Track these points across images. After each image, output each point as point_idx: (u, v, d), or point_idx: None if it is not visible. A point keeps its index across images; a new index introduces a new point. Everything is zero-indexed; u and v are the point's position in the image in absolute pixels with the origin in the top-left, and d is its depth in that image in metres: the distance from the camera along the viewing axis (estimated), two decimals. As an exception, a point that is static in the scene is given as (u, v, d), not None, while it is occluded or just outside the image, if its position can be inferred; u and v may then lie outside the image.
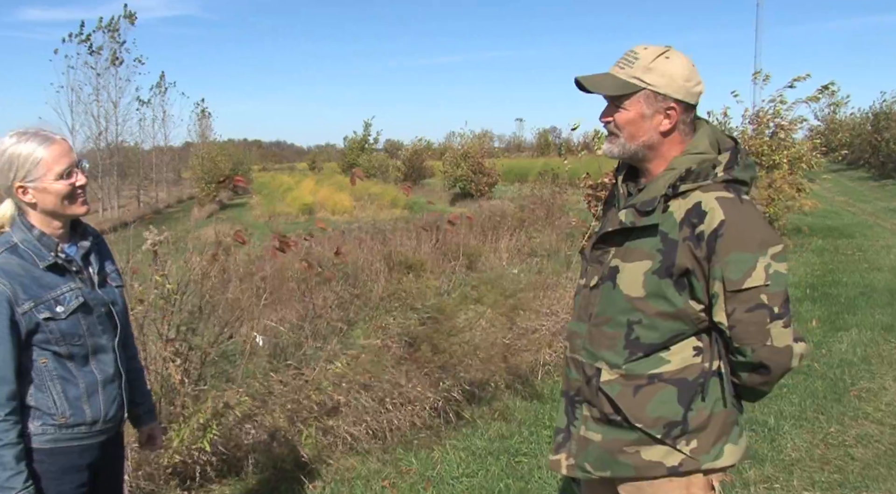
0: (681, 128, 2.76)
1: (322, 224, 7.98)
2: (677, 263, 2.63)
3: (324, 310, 7.29)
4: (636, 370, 2.76)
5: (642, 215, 2.72)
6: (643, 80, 2.70)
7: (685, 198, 2.66)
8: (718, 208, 2.58)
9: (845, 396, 7.50)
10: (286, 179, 57.61)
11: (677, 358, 2.74)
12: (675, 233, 2.65)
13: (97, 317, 3.10)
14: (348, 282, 7.77)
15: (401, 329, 7.16)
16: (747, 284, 2.56)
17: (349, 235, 13.70)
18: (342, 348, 6.71)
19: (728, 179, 2.67)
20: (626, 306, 2.75)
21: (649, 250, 2.70)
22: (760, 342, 2.61)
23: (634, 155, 2.80)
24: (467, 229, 13.85)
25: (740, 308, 2.59)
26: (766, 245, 2.58)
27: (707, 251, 2.59)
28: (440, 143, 72.57)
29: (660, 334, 2.72)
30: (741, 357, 2.67)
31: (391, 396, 6.56)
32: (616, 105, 2.76)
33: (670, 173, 2.73)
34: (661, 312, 2.70)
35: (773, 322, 2.60)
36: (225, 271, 8.56)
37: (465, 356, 7.34)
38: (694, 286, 2.66)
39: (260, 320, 7.24)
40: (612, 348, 2.80)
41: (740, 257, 2.56)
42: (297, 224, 27.69)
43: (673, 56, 2.72)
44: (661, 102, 2.71)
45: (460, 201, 39.81)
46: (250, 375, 6.33)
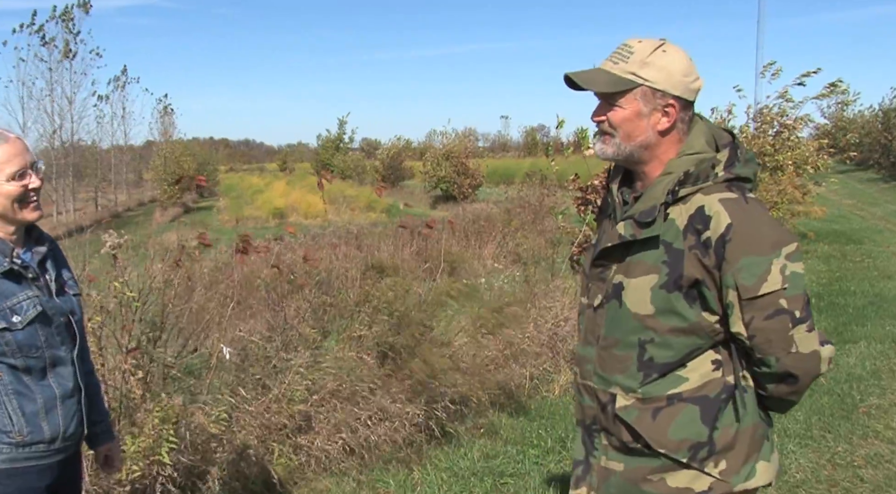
0: (679, 127, 2.73)
1: (293, 229, 8.00)
2: (685, 274, 2.60)
3: (295, 320, 7.27)
4: (653, 392, 2.73)
5: (642, 227, 2.68)
6: (640, 75, 2.67)
7: (686, 203, 2.63)
8: (723, 211, 2.55)
9: (854, 413, 7.49)
10: (255, 181, 57.51)
11: (696, 375, 2.70)
12: (680, 242, 2.62)
13: (55, 327, 3.07)
14: (322, 290, 7.75)
15: (378, 340, 7.15)
16: (764, 289, 2.53)
17: (323, 240, 13.69)
18: (315, 359, 6.70)
19: (730, 178, 2.63)
20: (636, 326, 2.72)
21: (654, 263, 2.67)
22: (784, 350, 2.58)
23: (630, 157, 2.77)
24: (449, 234, 13.85)
25: (759, 316, 2.56)
26: (780, 245, 2.55)
27: (716, 259, 2.56)
28: (420, 142, 72.81)
29: (675, 351, 2.69)
30: (766, 368, 2.64)
31: (368, 411, 6.55)
32: (610, 103, 2.73)
33: (667, 178, 2.69)
34: (673, 328, 2.66)
35: (797, 327, 2.57)
36: (189, 278, 8.53)
37: (448, 369, 7.34)
38: (706, 297, 2.62)
39: (227, 330, 7.21)
40: (624, 371, 2.76)
41: (753, 261, 2.52)
42: (267, 229, 27.71)
43: (670, 50, 2.69)
44: (660, 98, 2.68)
45: (442, 204, 39.89)
46: (217, 390, 6.30)
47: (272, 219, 36.27)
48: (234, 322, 7.64)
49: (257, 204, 41.35)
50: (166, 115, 68.13)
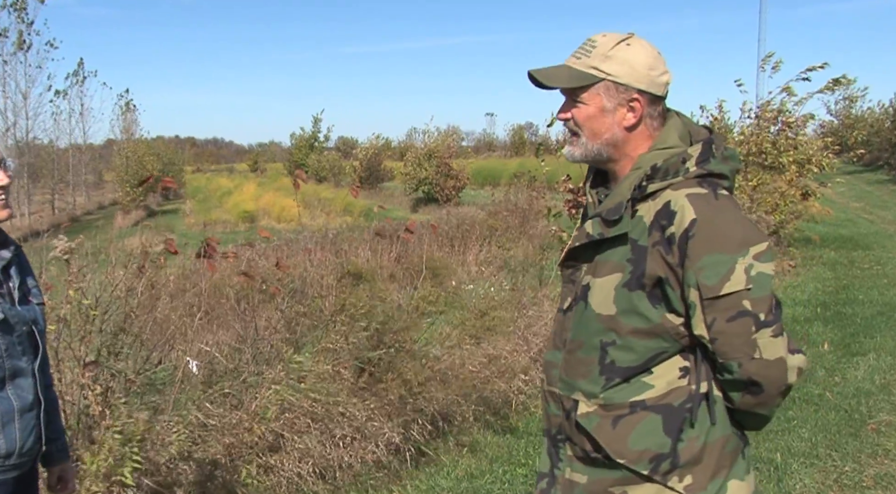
0: (647, 122, 2.76)
1: (265, 233, 7.96)
2: (647, 271, 2.61)
3: (267, 331, 7.26)
4: (615, 398, 2.73)
5: (609, 225, 2.70)
6: (601, 69, 2.70)
7: (655, 199, 2.65)
8: (689, 206, 2.56)
9: (862, 430, 7.50)
10: (224, 183, 57.46)
11: (662, 382, 2.70)
12: (645, 239, 2.63)
13: (17, 337, 3.06)
14: (295, 298, 7.73)
15: (354, 352, 7.14)
16: (726, 289, 2.53)
17: (297, 245, 13.68)
18: (287, 374, 6.68)
19: (702, 175, 2.65)
20: (598, 327, 2.73)
21: (619, 261, 2.68)
22: (747, 355, 2.56)
23: (598, 156, 2.80)
24: (431, 238, 13.86)
25: (721, 318, 2.55)
26: (747, 244, 2.55)
27: (679, 256, 2.57)
28: (401, 141, 72.63)
29: (637, 355, 2.69)
30: (728, 375, 2.62)
31: (343, 429, 6.54)
32: (574, 99, 2.77)
33: (635, 174, 2.72)
34: (635, 329, 2.67)
35: (760, 331, 2.55)
36: (153, 286, 8.49)
37: (428, 384, 7.33)
38: (669, 297, 2.62)
39: (193, 342, 7.19)
40: (587, 375, 2.77)
41: (716, 259, 2.53)
42: (237, 233, 27.68)
43: (634, 43, 2.73)
44: (623, 93, 2.71)
45: (423, 207, 39.95)
46: (182, 406, 6.28)
47: (242, 223, 36.22)
48: (201, 333, 7.61)
49: (226, 207, 41.34)
50: (128, 111, 67.80)
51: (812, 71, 15.90)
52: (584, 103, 2.74)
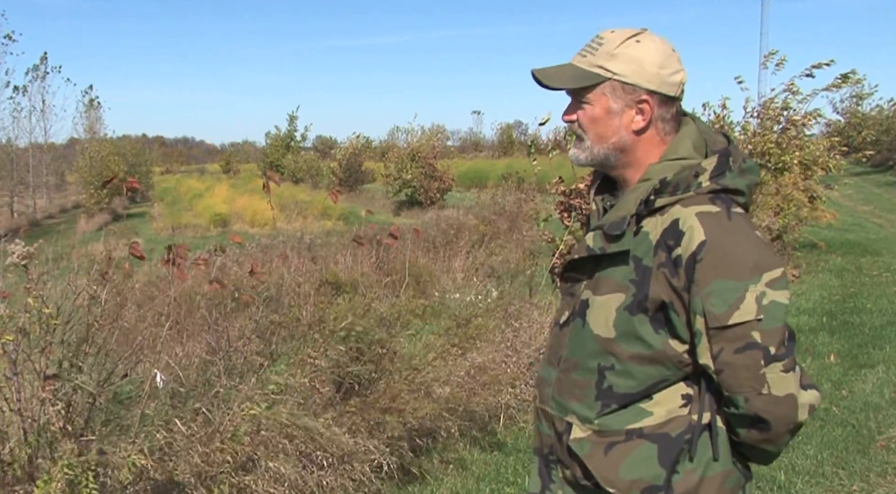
0: (659, 126, 2.71)
1: (238, 238, 7.96)
2: (651, 295, 2.58)
3: (240, 342, 7.23)
4: (612, 424, 2.70)
5: (611, 240, 2.67)
6: (606, 68, 2.67)
7: (663, 214, 2.61)
8: (698, 226, 2.51)
9: (871, 447, 7.49)
10: (195, 184, 57.38)
11: (662, 410, 2.67)
12: (650, 258, 2.60)
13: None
14: (270, 308, 7.71)
15: (333, 365, 7.12)
16: (735, 318, 2.47)
17: (272, 251, 13.67)
18: (262, 388, 6.66)
19: (716, 190, 2.60)
20: (596, 349, 2.70)
21: (621, 281, 2.64)
22: (754, 391, 2.52)
23: (605, 161, 2.77)
24: (415, 244, 13.85)
25: (728, 349, 2.51)
26: (760, 270, 2.49)
27: (686, 280, 2.52)
28: (382, 141, 72.53)
29: (637, 381, 2.66)
30: (734, 409, 2.59)
31: (320, 447, 6.52)
32: (579, 101, 2.74)
33: (643, 186, 2.67)
34: (635, 355, 2.63)
35: (770, 366, 2.50)
36: (119, 294, 8.45)
37: (411, 398, 7.31)
38: (674, 323, 2.59)
39: (162, 354, 7.17)
40: (582, 399, 2.75)
41: (725, 285, 2.48)
42: (208, 239, 27.63)
43: (645, 39, 2.68)
44: (631, 94, 2.67)
45: (407, 211, 40.01)
46: (149, 422, 6.25)
47: (214, 227, 36.18)
48: (169, 345, 7.59)
49: (197, 210, 41.23)
50: (92, 109, 67.70)
51: (817, 68, 15.91)
52: (589, 105, 2.71)
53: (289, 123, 62.35)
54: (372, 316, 7.89)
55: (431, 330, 8.79)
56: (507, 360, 8.83)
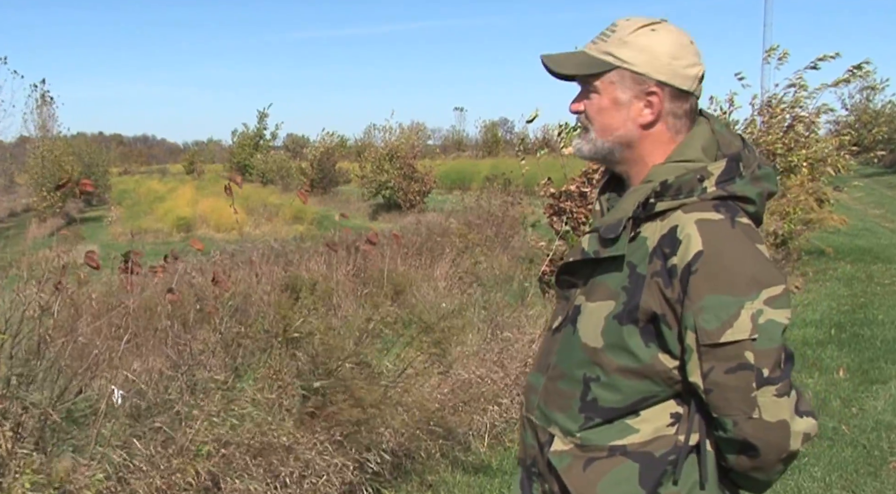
0: (669, 122, 2.70)
1: (199, 244, 7.92)
2: (642, 305, 2.57)
3: (203, 355, 7.22)
4: (594, 439, 2.69)
5: (605, 244, 2.66)
6: (616, 55, 2.67)
7: (664, 220, 2.60)
8: (696, 235, 2.50)
9: (883, 468, 7.49)
10: (156, 186, 57.30)
11: (648, 427, 2.66)
12: (644, 266, 2.59)
13: None
14: (235, 318, 7.70)
15: (302, 379, 7.11)
16: (727, 336, 2.45)
17: (240, 257, 13.64)
18: (227, 404, 6.65)
19: (723, 196, 2.59)
20: (583, 359, 2.69)
21: (614, 288, 2.64)
22: (744, 414, 2.50)
23: (609, 155, 2.77)
24: (394, 250, 13.84)
25: (718, 368, 2.49)
26: (758, 286, 2.47)
27: (679, 292, 2.51)
28: (358, 139, 72.45)
29: (623, 396, 2.64)
30: (722, 432, 2.57)
31: (288, 467, 6.50)
32: (587, 89, 2.74)
33: (643, 188, 2.66)
34: (622, 368, 2.62)
35: (762, 388, 2.48)
36: (73, 305, 8.44)
37: (388, 415, 7.30)
38: (664, 336, 2.57)
39: (120, 369, 7.15)
40: (565, 410, 2.74)
41: (719, 300, 2.46)
42: (171, 244, 27.55)
43: (661, 29, 2.68)
44: (640, 84, 2.66)
45: (384, 214, 40.00)
46: (105, 442, 6.23)
47: (177, 232, 36.10)
48: (128, 359, 7.57)
49: (158, 214, 41.13)
50: (44, 105, 67.10)
51: (822, 61, 15.89)
52: (596, 94, 2.72)
53: (258, 120, 62.43)
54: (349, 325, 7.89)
55: (407, 342, 8.77)
56: (493, 375, 8.83)
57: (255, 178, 55.84)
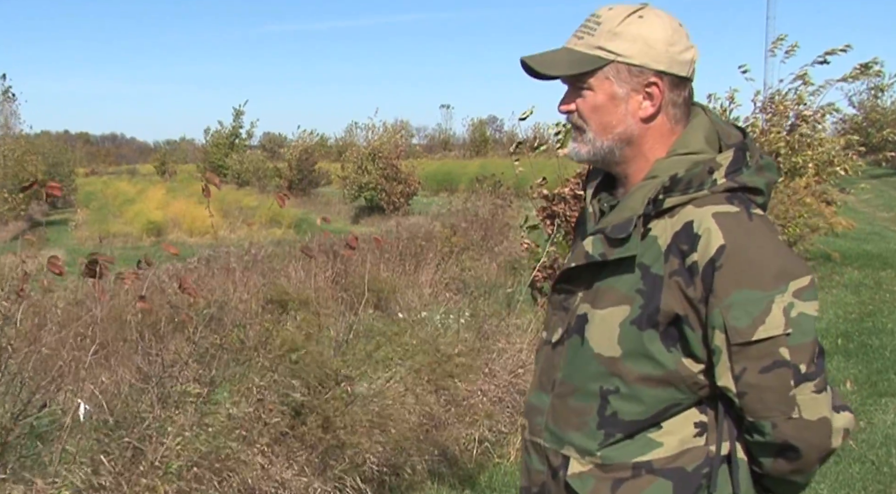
0: (669, 112, 2.69)
1: (172, 249, 7.89)
2: (662, 307, 2.53)
3: (175, 367, 7.20)
4: (616, 457, 2.65)
5: (613, 245, 2.62)
6: (609, 48, 2.64)
7: (673, 216, 2.58)
8: (716, 229, 2.47)
9: (893, 486, 7.49)
10: (125, 188, 57.22)
11: (673, 440, 2.63)
12: (660, 266, 2.56)
13: None
14: (210, 328, 7.67)
15: (281, 393, 7.10)
16: (760, 333, 2.43)
17: (216, 263, 13.63)
18: (200, 418, 6.63)
19: (733, 188, 2.58)
20: (598, 370, 2.65)
21: (626, 292, 2.61)
22: (783, 415, 2.47)
23: (609, 155, 2.73)
24: (376, 256, 13.83)
25: (752, 368, 2.46)
26: (787, 277, 2.45)
27: (703, 290, 2.48)
28: (339, 138, 72.60)
29: (645, 407, 2.61)
30: (758, 436, 2.53)
31: (264, 486, 6.49)
32: (578, 88, 2.70)
33: (650, 183, 2.64)
34: (644, 376, 2.59)
35: (800, 386, 2.46)
36: (37, 313, 8.41)
37: (372, 430, 7.29)
38: (688, 339, 2.55)
39: (86, 382, 7.12)
40: (581, 428, 2.70)
41: (748, 296, 2.43)
42: (140, 249, 27.57)
43: (648, 15, 2.65)
44: (638, 76, 2.64)
45: (367, 217, 40.06)
46: (71, 459, 6.21)
47: (147, 236, 36.05)
48: (95, 371, 7.54)
49: (127, 217, 41.09)
50: (6, 102, 67.31)
51: (831, 54, 15.77)
52: (590, 91, 2.68)
53: (234, 118, 62.28)
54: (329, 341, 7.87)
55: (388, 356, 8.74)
56: (482, 388, 8.82)
57: (230, 179, 55.75)
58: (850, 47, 15.58)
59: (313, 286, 11.45)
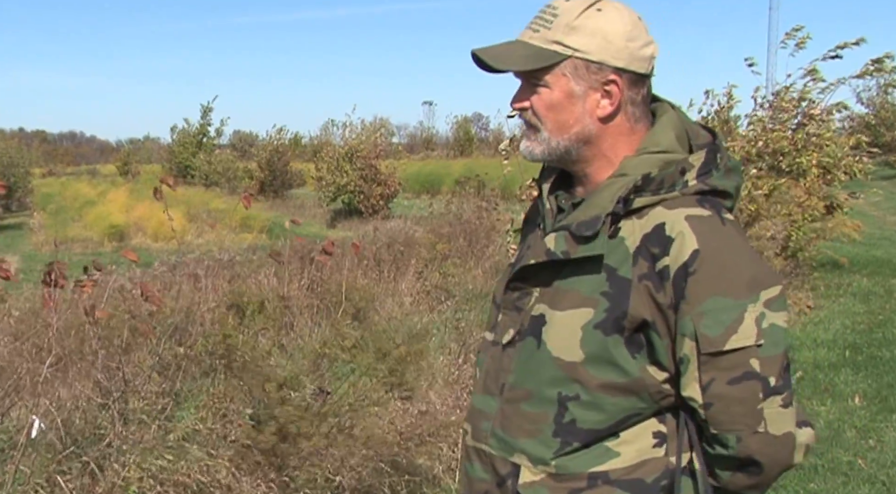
0: (628, 111, 2.69)
1: (132, 255, 7.88)
2: (630, 312, 2.54)
3: (138, 380, 7.19)
4: (571, 466, 2.66)
5: (579, 242, 2.62)
6: (566, 43, 2.62)
7: (642, 217, 2.59)
8: (689, 233, 2.50)
9: (905, 508, 7.45)
10: (85, 190, 57.03)
11: (631, 450, 2.64)
12: (628, 268, 2.57)
13: None
14: (175, 339, 7.67)
15: (249, 408, 7.09)
16: (732, 343, 2.46)
17: (181, 270, 13.61)
18: (163, 435, 6.62)
19: (704, 190, 2.61)
20: (557, 375, 2.65)
21: (590, 294, 2.61)
22: (749, 428, 2.51)
23: (565, 155, 2.73)
24: (354, 262, 13.82)
25: (721, 378, 2.49)
26: (759, 286, 2.50)
27: (674, 296, 2.50)
28: (314, 137, 72.49)
29: (606, 415, 2.62)
30: (721, 449, 2.57)
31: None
32: (532, 84, 2.69)
33: (620, 181, 2.63)
34: (607, 383, 2.59)
35: (769, 399, 2.50)
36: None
37: (342, 447, 7.28)
38: (655, 346, 2.57)
39: (42, 397, 7.11)
40: (535, 435, 2.69)
41: (721, 304, 2.46)
42: (102, 255, 27.44)
43: (607, 8, 2.64)
44: (596, 73, 2.63)
45: (344, 221, 39.96)
46: (25, 479, 6.20)
47: (108, 241, 35.88)
48: (52, 385, 7.53)
49: (87, 221, 40.92)
50: (-42, 97, 67.27)
51: (843, 48, 15.61)
52: (546, 88, 2.67)
53: (202, 116, 62.07)
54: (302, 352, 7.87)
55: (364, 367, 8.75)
56: (464, 404, 8.82)
57: (197, 180, 55.66)
58: (863, 41, 15.41)
59: (286, 294, 11.45)
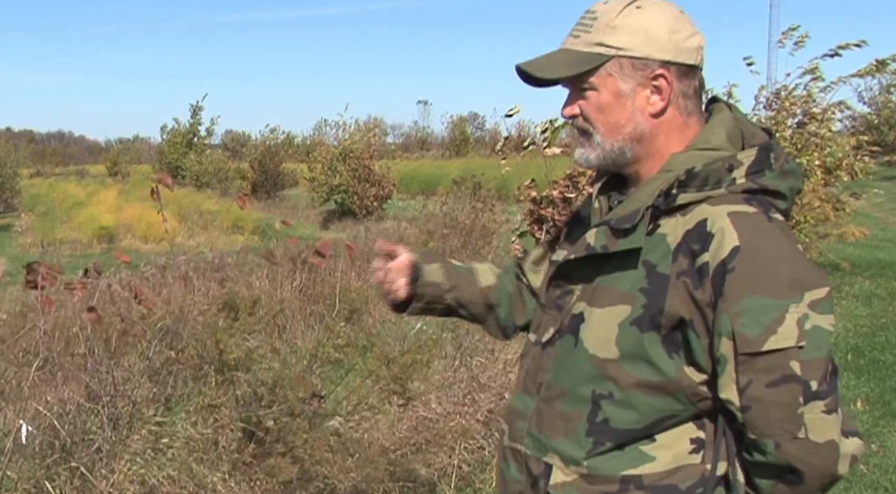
0: (680, 104, 2.67)
1: (125, 257, 7.85)
2: (667, 309, 2.50)
3: (128, 384, 7.17)
4: (604, 468, 2.62)
5: (618, 236, 2.60)
6: (608, 44, 2.61)
7: (685, 214, 2.56)
8: (731, 230, 2.44)
9: (908, 514, 7.45)
10: (73, 190, 56.99)
11: (667, 454, 2.60)
12: (667, 265, 2.53)
13: None
14: (165, 342, 7.64)
15: (242, 413, 7.07)
16: (770, 344, 2.39)
17: (172, 272, 13.60)
18: (154, 441, 6.60)
19: (753, 189, 2.55)
20: (592, 373, 2.62)
21: (628, 290, 2.58)
22: (788, 434, 2.43)
23: (620, 157, 2.71)
24: (348, 264, 13.81)
25: (759, 381, 2.42)
26: (803, 287, 2.42)
27: (713, 293, 2.44)
28: (307, 136, 72.58)
29: (639, 415, 2.58)
30: (759, 456, 2.49)
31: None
32: (580, 89, 2.68)
33: (663, 177, 2.61)
34: (641, 382, 2.55)
35: (809, 404, 2.42)
36: (-25, 327, 8.36)
37: (337, 457, 7.26)
38: (692, 345, 2.51)
39: (30, 401, 7.09)
40: (569, 434, 2.67)
41: (761, 303, 2.39)
42: (91, 257, 27.42)
43: (646, 4, 2.63)
44: (642, 69, 2.61)
45: (337, 223, 39.90)
46: (13, 485, 6.17)
47: (98, 243, 35.84)
48: (40, 389, 7.51)
49: (76, 222, 40.88)
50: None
51: (843, 48, 15.62)
52: (593, 91, 2.66)
53: (192, 115, 61.96)
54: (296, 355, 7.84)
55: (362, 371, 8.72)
56: (461, 409, 8.79)
57: (188, 180, 55.63)
58: (865, 43, 15.39)
59: (279, 297, 11.44)
